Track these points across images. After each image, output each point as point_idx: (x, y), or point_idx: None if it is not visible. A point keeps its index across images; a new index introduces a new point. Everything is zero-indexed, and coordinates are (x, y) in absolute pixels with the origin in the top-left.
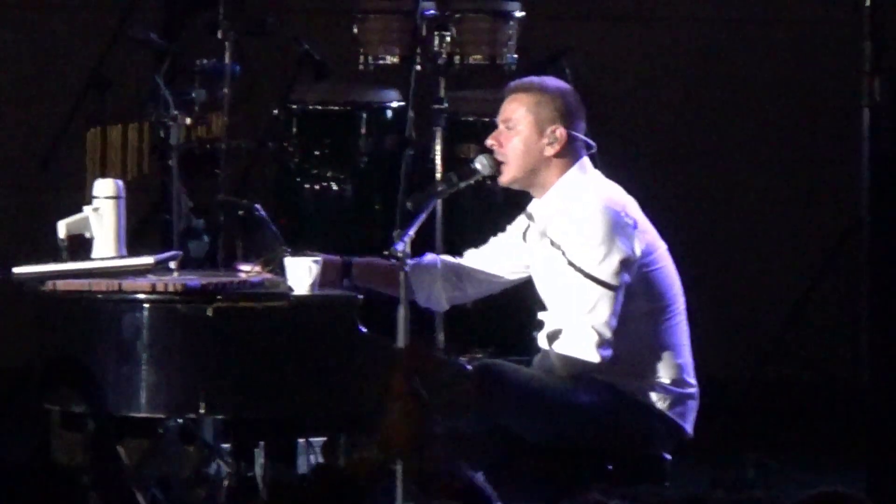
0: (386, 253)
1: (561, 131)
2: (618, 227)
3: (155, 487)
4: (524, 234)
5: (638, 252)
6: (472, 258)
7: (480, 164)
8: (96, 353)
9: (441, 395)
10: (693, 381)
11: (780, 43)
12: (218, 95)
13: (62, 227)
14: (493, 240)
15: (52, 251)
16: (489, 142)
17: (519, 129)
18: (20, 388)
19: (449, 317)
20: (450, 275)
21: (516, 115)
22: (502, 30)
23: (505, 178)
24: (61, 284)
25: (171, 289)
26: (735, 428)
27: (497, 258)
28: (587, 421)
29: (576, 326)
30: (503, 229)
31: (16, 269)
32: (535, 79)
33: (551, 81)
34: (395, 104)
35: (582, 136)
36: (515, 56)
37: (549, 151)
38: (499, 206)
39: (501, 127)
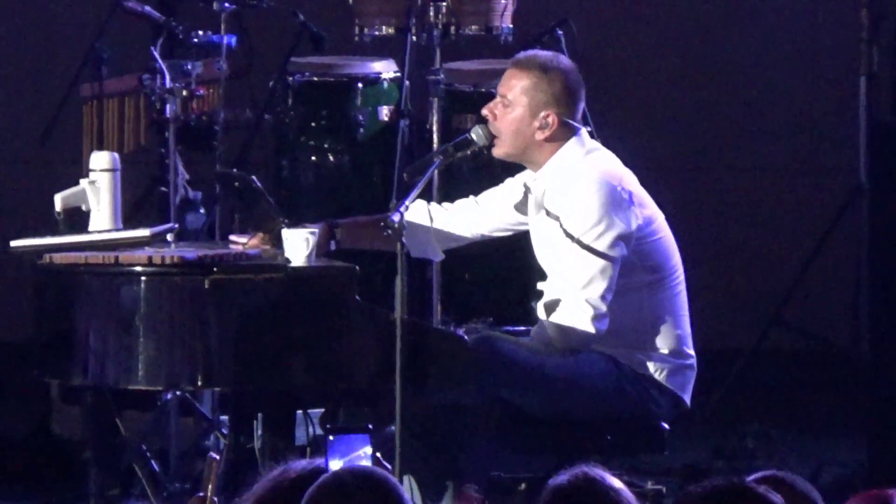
0: (382, 224)
1: (553, 118)
2: (614, 201)
3: (154, 459)
4: (522, 203)
5: (634, 226)
6: (464, 204)
7: (476, 134)
8: (94, 326)
9: (440, 368)
10: (691, 351)
11: (778, 11)
12: (215, 68)
13: (59, 200)
14: (486, 192)
15: (50, 224)
16: (484, 111)
17: (513, 108)
18: (19, 362)
19: (446, 287)
20: (441, 223)
21: (513, 92)
22: (498, 0)
23: (498, 152)
24: (58, 257)
25: (167, 261)
26: (736, 398)
27: (488, 209)
28: (586, 392)
29: (572, 299)
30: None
31: (13, 243)
32: (539, 56)
33: (554, 62)
34: (391, 75)
35: (574, 123)
36: (511, 26)
37: (540, 136)
38: (496, 176)
39: (498, 99)
